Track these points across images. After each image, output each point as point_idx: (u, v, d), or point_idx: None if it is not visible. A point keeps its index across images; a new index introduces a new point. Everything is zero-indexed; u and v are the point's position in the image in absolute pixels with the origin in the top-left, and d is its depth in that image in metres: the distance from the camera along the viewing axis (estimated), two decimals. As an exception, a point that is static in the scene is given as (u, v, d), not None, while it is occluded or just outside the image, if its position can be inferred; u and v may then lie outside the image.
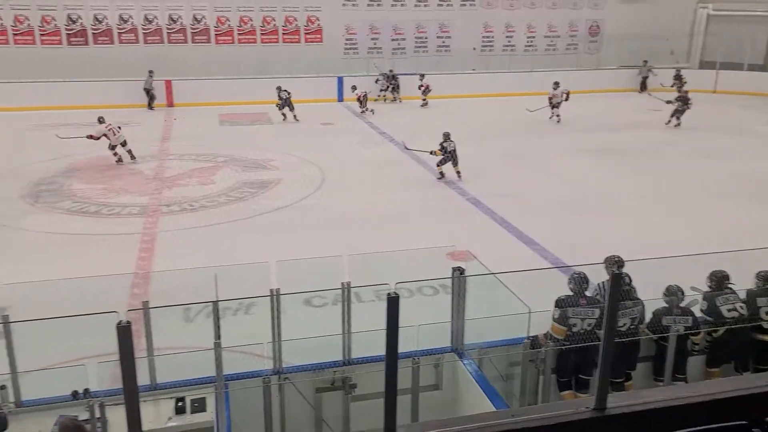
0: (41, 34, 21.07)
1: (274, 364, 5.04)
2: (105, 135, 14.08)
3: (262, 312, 5.26)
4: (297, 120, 18.90)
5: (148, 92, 20.64)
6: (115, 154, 14.32)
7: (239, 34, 22.65)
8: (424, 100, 21.37)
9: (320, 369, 5.12)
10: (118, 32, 21.65)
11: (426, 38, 24.44)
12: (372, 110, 20.22)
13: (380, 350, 5.22)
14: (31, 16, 20.90)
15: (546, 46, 25.68)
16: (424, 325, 4.93)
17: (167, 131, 18.04)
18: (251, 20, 22.64)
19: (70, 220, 10.94)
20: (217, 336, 4.60)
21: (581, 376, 5.40)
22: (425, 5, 24.02)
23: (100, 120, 14.31)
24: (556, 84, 18.85)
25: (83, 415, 4.33)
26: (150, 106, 20.67)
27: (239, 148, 15.73)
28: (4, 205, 11.50)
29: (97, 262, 8.92)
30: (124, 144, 14.38)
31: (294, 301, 6.59)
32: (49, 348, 5.78)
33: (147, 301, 4.98)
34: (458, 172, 13.03)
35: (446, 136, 12.94)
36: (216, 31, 22.45)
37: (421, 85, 21.36)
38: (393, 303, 2.54)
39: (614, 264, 5.61)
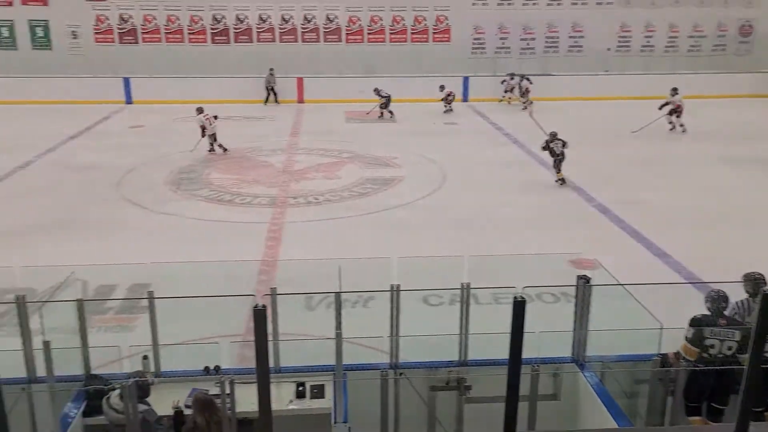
0: (189, 33, 22.71)
1: (390, 359, 5.11)
2: (203, 125, 14.87)
3: (379, 306, 5.35)
4: (392, 117, 19.32)
5: (269, 89, 21.71)
6: (211, 144, 15.14)
7: (369, 33, 23.15)
8: (448, 106, 20.63)
9: (436, 368, 5.12)
10: (257, 31, 22.86)
11: (557, 38, 23.71)
12: (452, 109, 20.20)
13: (497, 353, 5.15)
14: (181, 16, 22.58)
15: (689, 47, 24.04)
16: (545, 333, 4.80)
17: (297, 126, 18.81)
18: (381, 20, 23.06)
19: (206, 207, 11.71)
20: (338, 326, 4.73)
21: (714, 404, 5.01)
22: (558, 4, 23.30)
23: (199, 110, 15.04)
24: (675, 90, 17.04)
25: (214, 390, 4.61)
26: (266, 102, 21.70)
27: (364, 145, 16.09)
28: (151, 191, 12.51)
29: (229, 248, 9.51)
30: (213, 136, 15.08)
31: (412, 297, 6.67)
32: (186, 324, 6.25)
33: (275, 288, 5.21)
34: (561, 179, 12.54)
35: (552, 136, 12.48)
36: (347, 30, 23.09)
37: (449, 93, 20.57)
38: (519, 307, 2.49)
39: (754, 281, 5.17)
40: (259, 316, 2.57)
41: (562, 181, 12.55)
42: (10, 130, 17.49)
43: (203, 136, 15.02)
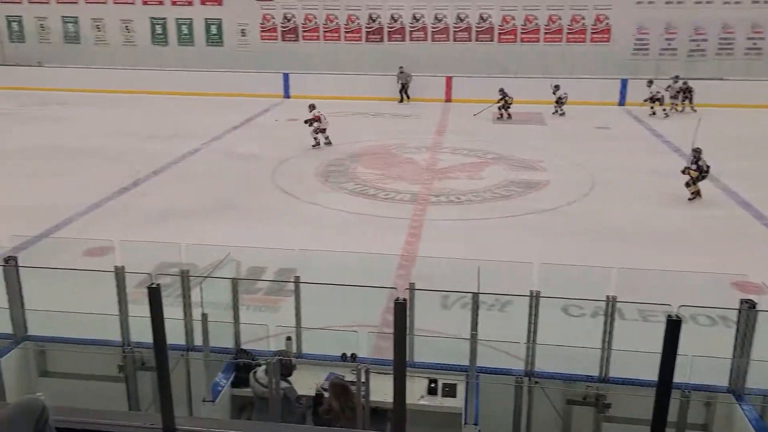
0: (346, 32, 23.59)
1: (526, 366, 4.98)
2: (316, 119, 15.42)
3: (517, 312, 5.23)
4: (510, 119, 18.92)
5: (404, 86, 21.96)
6: (315, 138, 15.64)
7: (522, 33, 22.68)
8: (560, 109, 19.52)
9: (574, 381, 4.92)
10: (410, 30, 23.24)
11: (733, 39, 21.75)
12: (564, 112, 19.30)
13: (642, 373, 4.85)
14: (339, 15, 23.51)
15: None
16: (700, 357, 4.43)
17: (443, 125, 18.89)
18: (536, 19, 22.49)
19: (351, 199, 12.10)
20: (474, 327, 4.69)
21: None
22: (736, 2, 21.36)
23: (311, 107, 15.66)
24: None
25: (350, 377, 4.76)
26: (401, 100, 21.90)
27: (510, 147, 15.80)
28: (302, 182, 13.17)
29: (370, 241, 9.77)
30: (323, 131, 15.63)
31: (552, 306, 6.45)
32: (327, 311, 6.51)
33: (413, 283, 5.27)
34: (696, 192, 11.53)
35: (698, 153, 11.42)
36: (500, 29, 22.77)
37: (562, 95, 19.49)
38: (674, 327, 2.31)
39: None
40: (400, 309, 2.60)
41: (697, 194, 11.59)
42: (184, 119, 19.22)
43: (314, 132, 15.58)
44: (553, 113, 19.58)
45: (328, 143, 15.83)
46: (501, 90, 19.09)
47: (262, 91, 22.38)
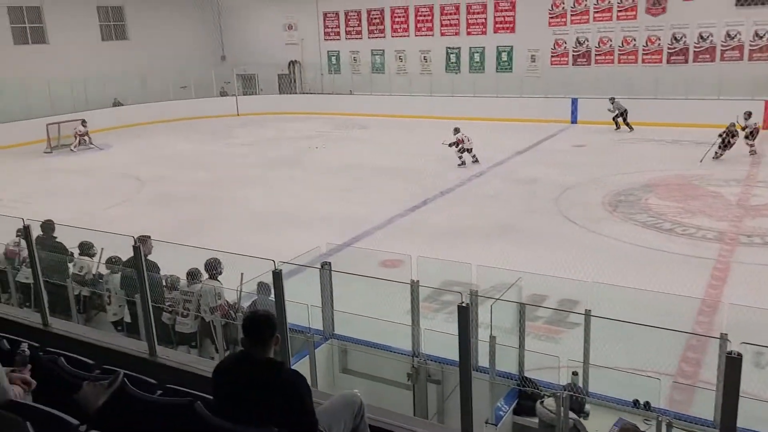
0: (644, 54, 22.18)
1: None
2: (460, 141, 16.57)
3: None
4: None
5: (622, 114, 20.08)
6: (461, 157, 16.64)
7: None
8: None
9: None
10: (722, 49, 20.90)
11: None
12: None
13: None
14: (637, 37, 22.21)
15: None
16: None
17: (759, 156, 16.52)
18: None
19: (642, 232, 11.21)
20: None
21: None
22: None
23: (456, 130, 16.65)
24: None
25: (642, 426, 4.34)
26: (618, 127, 20.10)
27: None
28: (585, 209, 12.62)
29: (664, 279, 8.87)
30: (469, 150, 16.71)
31: None
32: (613, 349, 6.06)
33: (725, 334, 4.61)
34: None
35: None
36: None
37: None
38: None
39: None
40: (734, 363, 2.26)
41: None
42: (471, 143, 19.91)
43: (461, 151, 16.62)
44: (714, 158, 15.92)
45: (476, 161, 16.83)
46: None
47: (549, 117, 22.17)
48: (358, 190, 14.94)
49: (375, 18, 27.77)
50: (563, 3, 23.33)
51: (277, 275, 3.90)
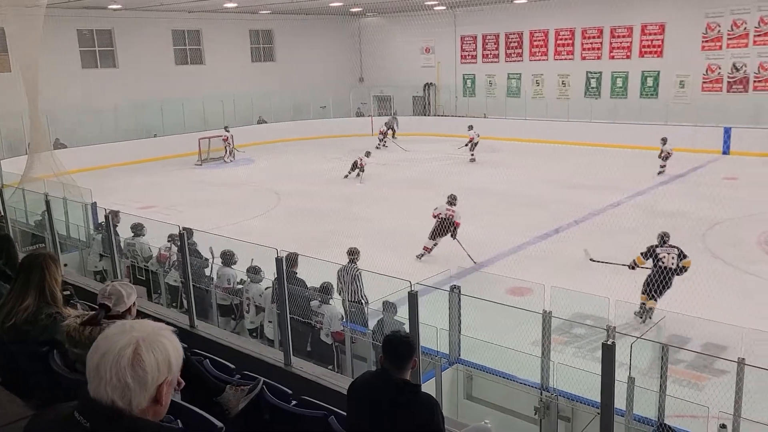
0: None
1: None
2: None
3: None
4: None
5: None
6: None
7: None
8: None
9: None
10: None
11: None
12: None
13: None
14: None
15: None
16: None
17: None
18: None
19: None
20: None
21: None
22: None
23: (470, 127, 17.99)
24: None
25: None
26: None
27: None
28: (738, 248, 11.62)
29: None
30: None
31: None
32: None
33: None
34: None
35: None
36: None
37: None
38: None
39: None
40: None
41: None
42: (610, 171, 19.00)
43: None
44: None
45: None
46: None
47: (697, 146, 20.69)
48: (488, 214, 14.74)
49: (513, 41, 27.51)
50: (719, 26, 21.81)
51: (413, 297, 3.91)
